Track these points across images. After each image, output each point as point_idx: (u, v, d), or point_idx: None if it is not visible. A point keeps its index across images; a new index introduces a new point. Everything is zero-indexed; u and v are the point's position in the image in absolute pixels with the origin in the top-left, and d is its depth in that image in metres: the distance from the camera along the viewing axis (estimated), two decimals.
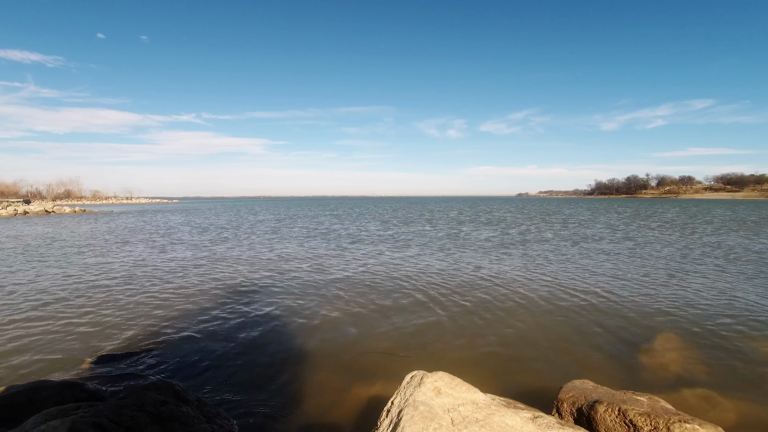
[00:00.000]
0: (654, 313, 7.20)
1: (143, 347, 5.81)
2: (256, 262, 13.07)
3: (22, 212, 46.63)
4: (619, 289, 8.90)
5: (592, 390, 3.65)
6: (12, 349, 5.73)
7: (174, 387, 3.65)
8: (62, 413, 2.95)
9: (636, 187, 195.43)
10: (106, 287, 9.38)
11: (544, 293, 8.66)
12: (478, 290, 8.88)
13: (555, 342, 5.97)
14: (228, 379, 4.85)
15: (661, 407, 3.27)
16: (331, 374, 4.96)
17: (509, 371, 5.05)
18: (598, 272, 10.78)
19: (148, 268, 11.92)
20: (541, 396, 4.20)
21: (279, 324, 6.82)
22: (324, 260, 13.18)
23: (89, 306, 7.84)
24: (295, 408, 4.21)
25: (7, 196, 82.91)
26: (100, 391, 4.31)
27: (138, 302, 8.14)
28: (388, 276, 10.47)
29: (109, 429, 2.73)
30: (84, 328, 6.58)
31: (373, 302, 8.03)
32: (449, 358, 5.42)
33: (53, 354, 5.57)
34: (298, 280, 10.13)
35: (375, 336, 6.24)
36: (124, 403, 3.12)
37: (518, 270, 11.15)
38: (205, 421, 3.54)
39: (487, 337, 6.17)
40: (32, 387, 3.74)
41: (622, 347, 5.77)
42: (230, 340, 6.05)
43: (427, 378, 2.92)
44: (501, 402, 2.97)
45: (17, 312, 7.45)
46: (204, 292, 9.01)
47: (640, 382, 4.72)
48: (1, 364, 5.20)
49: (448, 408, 2.62)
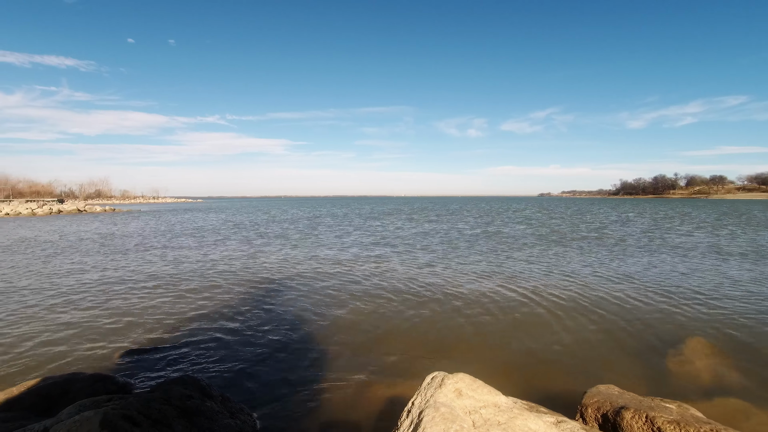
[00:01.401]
0: (684, 318, 6.96)
1: (170, 342, 5.98)
2: (289, 259, 13.28)
3: (57, 211, 48.71)
4: (648, 292, 8.63)
5: (617, 396, 3.56)
6: (51, 340, 5.99)
7: (199, 382, 3.74)
8: (94, 405, 3.06)
9: (664, 187, 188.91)
10: (141, 283, 9.70)
11: (569, 294, 8.49)
12: (500, 291, 8.77)
13: (579, 345, 5.85)
14: (250, 375, 4.95)
15: (691, 415, 3.16)
16: (351, 373, 4.98)
17: (531, 374, 4.97)
18: (627, 274, 10.48)
19: (186, 265, 12.26)
20: (565, 400, 4.12)
21: (303, 322, 6.90)
22: (353, 258, 13.29)
23: (122, 301, 8.13)
24: (315, 405, 4.26)
25: (43, 196, 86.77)
26: (129, 384, 4.46)
27: (170, 298, 8.40)
28: (412, 276, 10.45)
29: (138, 421, 2.82)
30: (115, 323, 6.82)
31: (396, 302, 8.03)
32: (470, 360, 5.37)
33: (87, 346, 5.79)
34: (325, 279, 10.23)
35: (396, 336, 6.24)
36: (152, 397, 3.22)
37: (542, 271, 10.95)
38: (229, 416, 3.62)
39: (509, 339, 6.09)
40: (67, 379, 3.91)
41: (649, 352, 5.60)
42: (254, 338, 6.16)
43: (448, 379, 2.90)
44: (523, 405, 2.93)
45: (59, 305, 7.79)
46: (233, 290, 9.21)
47: (669, 389, 4.57)
48: (42, 355, 5.45)
49: (469, 410, 2.60)
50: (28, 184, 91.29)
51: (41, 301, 8.13)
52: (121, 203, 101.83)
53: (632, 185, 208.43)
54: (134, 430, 2.72)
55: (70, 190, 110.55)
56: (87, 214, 46.91)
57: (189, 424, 3.17)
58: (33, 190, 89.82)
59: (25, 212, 44.98)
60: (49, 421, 2.83)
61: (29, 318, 7.07)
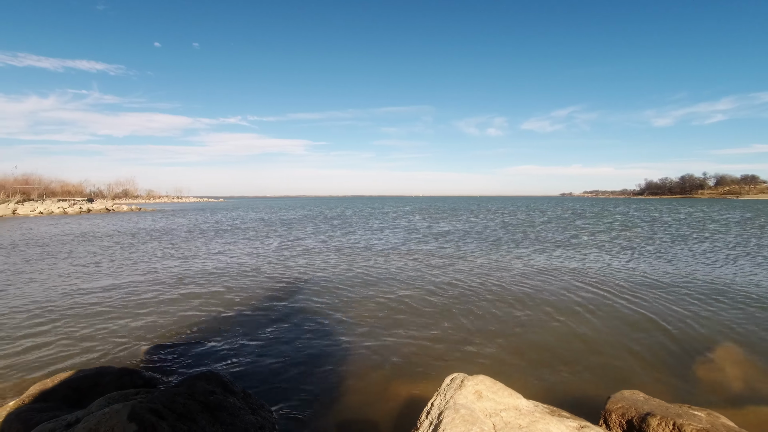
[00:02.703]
0: (717, 323, 6.70)
1: (194, 338, 6.13)
2: (315, 257, 13.46)
3: (86, 210, 50.58)
4: (682, 295, 8.34)
5: (643, 402, 3.46)
6: (83, 335, 6.23)
7: (221, 378, 3.82)
8: (123, 398, 3.17)
9: (691, 187, 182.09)
10: (173, 279, 9.99)
11: (597, 295, 8.33)
12: (527, 290, 8.65)
13: (604, 348, 5.71)
14: (271, 372, 5.02)
15: (722, 424, 3.05)
16: (369, 371, 5.01)
17: (553, 377, 4.88)
18: (659, 275, 10.17)
19: (216, 262, 12.57)
20: (587, 405, 4.03)
21: (325, 320, 6.96)
22: (377, 256, 13.37)
23: (150, 297, 8.38)
24: (334, 404, 4.29)
25: (74, 195, 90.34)
26: (154, 378, 4.60)
27: (197, 295, 8.63)
28: (437, 274, 10.42)
29: (164, 415, 2.90)
30: (144, 317, 7.03)
31: (417, 299, 8.02)
32: (489, 360, 5.32)
33: (116, 340, 6.00)
34: (350, 277, 10.31)
35: (415, 335, 6.23)
36: (177, 392, 3.31)
37: (570, 271, 10.74)
38: (250, 413, 3.68)
39: (531, 340, 6.00)
40: (97, 372, 4.06)
41: (677, 357, 5.42)
42: (277, 334, 6.25)
43: (468, 381, 2.88)
44: (545, 409, 2.88)
45: (90, 302, 8.09)
46: (262, 286, 9.38)
47: (697, 396, 4.42)
48: (73, 348, 5.68)
49: (489, 413, 2.58)
50: (60, 184, 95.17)
51: (81, 295, 8.46)
52: (147, 202, 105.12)
53: (658, 185, 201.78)
54: (160, 423, 2.79)
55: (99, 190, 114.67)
56: (115, 213, 48.56)
57: (212, 418, 3.24)
58: (65, 190, 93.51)
59: (57, 211, 46.84)
60: (81, 412, 2.94)
61: (66, 310, 7.36)
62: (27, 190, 73.93)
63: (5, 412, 3.40)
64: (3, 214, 41.78)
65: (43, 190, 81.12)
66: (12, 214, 42.79)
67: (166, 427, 2.82)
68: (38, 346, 5.82)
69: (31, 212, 44.64)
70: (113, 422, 2.62)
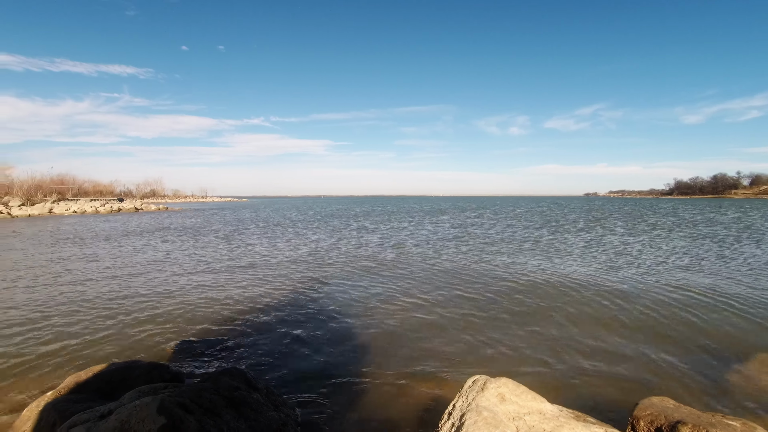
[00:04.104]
0: (754, 331, 6.41)
1: (220, 334, 6.28)
2: (345, 255, 13.63)
3: (117, 209, 52.52)
4: (721, 299, 8.02)
5: (673, 409, 3.34)
6: (113, 329, 6.49)
7: (245, 374, 3.90)
8: (152, 391, 3.28)
9: (724, 187, 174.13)
10: (203, 274, 10.28)
11: (629, 295, 8.13)
12: (548, 291, 8.49)
13: (631, 352, 5.55)
14: (292, 369, 5.10)
15: None
16: (390, 371, 5.01)
17: (578, 381, 4.77)
18: (700, 277, 9.79)
19: (247, 258, 12.87)
20: (614, 411, 3.93)
21: (348, 320, 7.01)
22: (408, 253, 13.43)
23: (178, 293, 8.64)
24: (355, 402, 4.32)
25: (105, 195, 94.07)
26: (181, 373, 4.73)
27: (224, 291, 8.86)
28: (457, 275, 10.36)
29: (191, 409, 2.99)
30: (172, 312, 7.26)
31: (438, 301, 7.99)
32: (511, 363, 5.24)
33: (144, 335, 6.21)
34: (374, 276, 10.37)
35: (437, 336, 6.21)
36: (203, 387, 3.40)
37: (600, 271, 10.48)
38: (273, 409, 3.75)
39: (555, 342, 5.88)
40: (127, 366, 4.21)
41: (711, 365, 5.21)
42: (298, 333, 6.33)
43: (490, 383, 2.85)
44: (570, 414, 2.82)
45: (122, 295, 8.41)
46: (291, 282, 9.55)
47: (732, 405, 4.23)
48: (105, 341, 5.92)
49: (513, 416, 2.55)
50: (92, 184, 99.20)
51: (113, 290, 8.81)
52: (174, 202, 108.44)
53: (688, 184, 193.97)
54: (187, 417, 2.88)
55: (129, 190, 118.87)
56: (143, 213, 50.26)
57: (236, 414, 3.32)
58: (96, 190, 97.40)
59: (89, 210, 48.78)
60: (113, 404, 3.06)
61: (100, 304, 7.67)
62: (62, 189, 77.34)
63: (44, 402, 3.57)
64: (40, 212, 43.82)
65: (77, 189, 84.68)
66: (48, 213, 44.82)
67: (193, 421, 2.90)
68: (73, 338, 6.08)
69: (65, 211, 46.65)
70: (143, 414, 2.71)
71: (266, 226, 27.28)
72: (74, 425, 2.81)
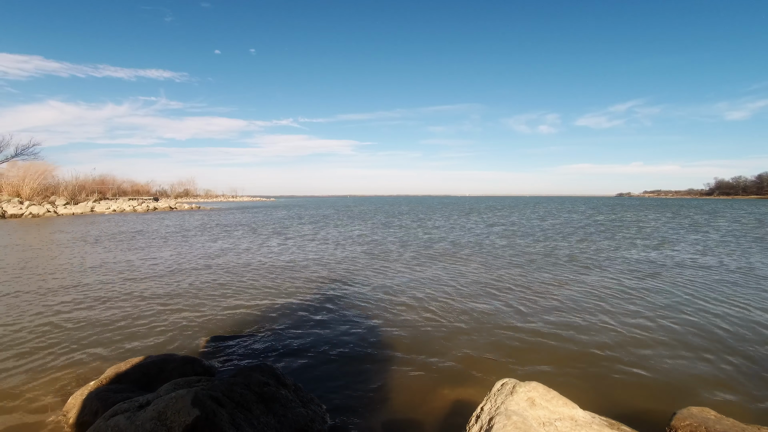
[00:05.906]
0: None
1: (249, 331, 6.45)
2: (377, 254, 13.75)
3: (153, 208, 54.83)
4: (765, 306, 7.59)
5: (714, 421, 3.18)
6: (150, 322, 6.79)
7: (275, 370, 3.99)
8: (187, 384, 3.41)
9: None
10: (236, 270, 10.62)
11: (660, 299, 7.79)
12: (588, 289, 8.25)
13: (670, 359, 5.31)
14: (320, 368, 5.17)
15: None
16: (418, 372, 5.00)
17: (612, 388, 4.61)
18: (741, 281, 9.29)
19: (281, 256, 13.22)
20: (650, 421, 3.77)
21: (377, 320, 7.03)
22: (435, 259, 13.40)
23: (213, 288, 8.95)
24: (381, 403, 4.33)
25: (142, 195, 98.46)
26: (213, 367, 4.89)
27: (257, 288, 9.14)
28: (489, 276, 10.24)
29: (223, 402, 3.09)
30: (202, 310, 7.51)
31: (466, 302, 7.91)
32: (541, 367, 5.12)
33: (178, 329, 6.47)
34: (405, 278, 10.40)
35: (465, 338, 6.14)
36: (235, 381, 3.50)
37: (640, 273, 10.10)
38: (301, 405, 3.81)
39: (588, 346, 5.70)
40: (163, 359, 4.39)
41: (754, 375, 4.92)
42: (326, 332, 6.40)
43: (519, 387, 2.80)
44: (603, 421, 2.73)
45: (159, 293, 8.79)
46: (317, 284, 9.72)
47: None
48: (142, 334, 6.20)
49: (543, 421, 2.49)
50: (130, 183, 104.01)
51: (150, 286, 9.22)
52: (205, 201, 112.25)
53: (730, 184, 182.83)
54: (220, 410, 2.97)
55: (163, 189, 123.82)
56: (177, 211, 52.26)
57: (266, 409, 3.40)
58: (134, 189, 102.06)
59: (128, 209, 51.11)
60: (151, 395, 3.20)
61: (137, 298, 8.04)
62: (103, 189, 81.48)
63: (87, 390, 3.78)
64: (83, 211, 46.26)
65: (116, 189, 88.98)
66: (90, 212, 47.27)
67: (225, 414, 2.99)
68: (112, 331, 6.40)
69: (106, 210, 49.07)
70: (179, 406, 2.82)
71: (312, 221, 27.84)
72: (116, 414, 2.96)
